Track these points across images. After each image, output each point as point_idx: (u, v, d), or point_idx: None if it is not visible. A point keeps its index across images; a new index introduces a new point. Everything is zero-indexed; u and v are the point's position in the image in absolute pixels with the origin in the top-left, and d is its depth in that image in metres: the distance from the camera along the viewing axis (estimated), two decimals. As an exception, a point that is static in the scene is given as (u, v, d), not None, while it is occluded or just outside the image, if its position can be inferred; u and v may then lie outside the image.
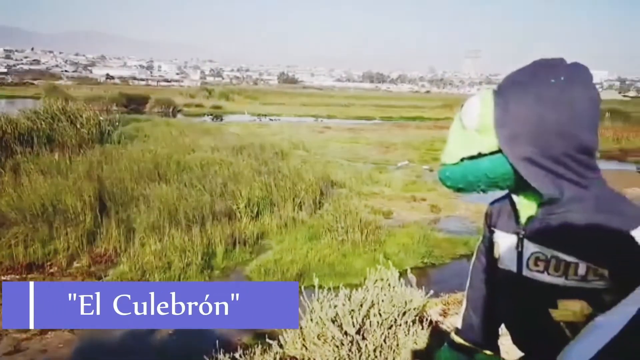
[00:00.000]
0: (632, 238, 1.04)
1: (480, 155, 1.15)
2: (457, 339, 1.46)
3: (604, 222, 1.08)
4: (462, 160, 1.18)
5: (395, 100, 65.82)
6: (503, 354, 1.43)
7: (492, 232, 1.35)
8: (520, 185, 1.15)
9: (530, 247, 1.19)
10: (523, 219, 1.21)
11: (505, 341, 1.39)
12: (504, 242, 1.27)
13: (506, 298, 1.30)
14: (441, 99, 71.22)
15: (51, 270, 6.60)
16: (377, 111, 45.03)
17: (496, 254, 1.30)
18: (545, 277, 1.15)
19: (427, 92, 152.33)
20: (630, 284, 1.04)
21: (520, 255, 1.21)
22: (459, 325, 1.49)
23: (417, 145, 20.99)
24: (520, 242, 1.21)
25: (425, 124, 33.89)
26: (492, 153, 1.14)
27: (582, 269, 1.10)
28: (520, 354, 1.33)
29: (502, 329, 1.39)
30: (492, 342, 1.44)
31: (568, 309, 1.12)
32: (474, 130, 1.16)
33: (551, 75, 1.10)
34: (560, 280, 1.13)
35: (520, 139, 1.10)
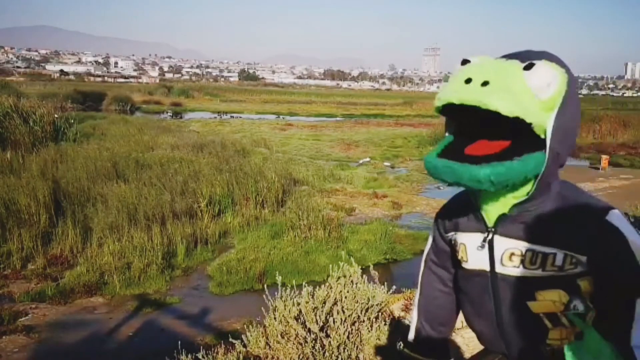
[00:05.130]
0: (608, 222, 1.08)
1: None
2: (411, 354, 1.43)
3: (577, 211, 1.10)
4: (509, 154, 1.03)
5: (357, 97, 66.20)
6: (463, 346, 1.45)
7: (451, 237, 1.33)
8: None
9: (503, 244, 1.17)
10: (492, 217, 1.19)
11: (465, 333, 1.41)
12: (472, 242, 1.24)
13: (478, 298, 1.26)
14: (401, 96, 72.04)
15: (5, 273, 6.37)
16: (338, 108, 45.24)
17: (462, 256, 1.27)
18: (521, 271, 1.15)
19: (388, 89, 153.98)
20: (610, 268, 1.08)
21: (491, 253, 1.20)
22: (411, 338, 1.45)
23: (379, 142, 21.17)
24: (490, 240, 1.19)
25: (386, 121, 34.21)
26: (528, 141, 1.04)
27: (559, 259, 1.11)
28: (480, 347, 1.36)
29: (461, 322, 1.41)
30: (445, 350, 1.43)
31: (546, 300, 1.13)
32: (539, 101, 1.01)
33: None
34: (537, 272, 1.13)
35: (570, 132, 1.10)
